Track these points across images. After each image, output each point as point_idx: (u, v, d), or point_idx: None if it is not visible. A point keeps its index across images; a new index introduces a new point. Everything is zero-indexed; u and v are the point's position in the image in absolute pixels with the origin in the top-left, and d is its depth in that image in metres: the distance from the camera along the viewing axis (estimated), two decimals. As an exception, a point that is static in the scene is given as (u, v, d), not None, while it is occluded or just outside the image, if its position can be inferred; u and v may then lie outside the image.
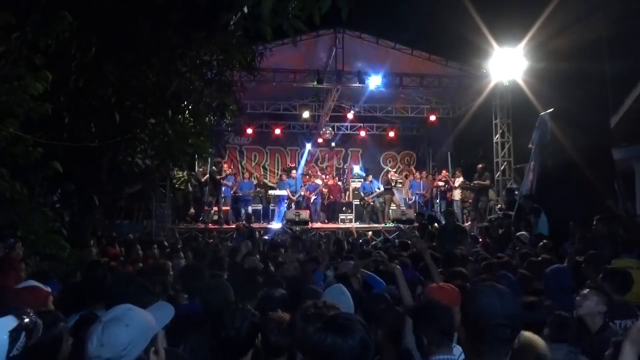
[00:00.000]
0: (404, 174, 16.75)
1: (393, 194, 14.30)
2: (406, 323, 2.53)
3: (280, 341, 2.24)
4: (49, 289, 2.93)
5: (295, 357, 2.29)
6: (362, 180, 15.22)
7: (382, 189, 14.40)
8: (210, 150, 9.29)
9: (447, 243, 6.93)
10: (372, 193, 14.24)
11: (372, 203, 14.27)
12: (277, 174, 16.41)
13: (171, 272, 4.49)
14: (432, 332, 2.16)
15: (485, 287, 1.59)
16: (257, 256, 5.65)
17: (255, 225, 11.92)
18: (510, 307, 1.53)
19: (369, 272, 4.14)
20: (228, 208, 13.35)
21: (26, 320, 1.80)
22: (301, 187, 14.17)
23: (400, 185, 15.26)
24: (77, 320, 2.62)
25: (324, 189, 14.60)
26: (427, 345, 2.15)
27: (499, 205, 11.92)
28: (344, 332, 1.56)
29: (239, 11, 3.13)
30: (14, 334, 1.72)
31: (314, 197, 14.02)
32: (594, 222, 6.24)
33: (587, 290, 3.20)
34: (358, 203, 14.47)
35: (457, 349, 2.38)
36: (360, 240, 9.48)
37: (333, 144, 16.95)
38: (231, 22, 3.25)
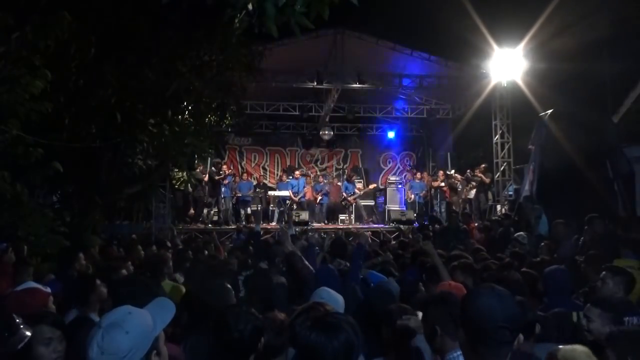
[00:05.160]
0: (403, 174, 16.76)
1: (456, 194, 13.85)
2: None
3: (274, 341, 2.24)
4: (48, 290, 2.94)
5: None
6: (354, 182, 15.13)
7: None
8: (210, 150, 9.26)
9: (449, 244, 6.94)
10: (353, 193, 14.21)
11: (354, 203, 14.25)
12: (277, 174, 16.40)
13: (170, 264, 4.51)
14: (447, 321, 2.09)
15: (485, 289, 1.59)
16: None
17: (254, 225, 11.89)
18: (510, 309, 1.53)
19: (369, 271, 4.16)
20: (228, 208, 13.36)
21: None
22: (304, 187, 14.14)
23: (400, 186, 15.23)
24: (70, 323, 2.61)
25: (327, 190, 14.58)
26: (440, 337, 2.08)
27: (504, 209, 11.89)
28: (329, 331, 1.56)
29: (244, 9, 3.11)
30: None
31: (320, 198, 14.01)
32: (586, 222, 6.23)
33: (588, 306, 2.95)
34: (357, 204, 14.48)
35: None
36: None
37: (331, 145, 16.94)
38: (236, 20, 3.23)
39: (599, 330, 2.75)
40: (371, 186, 15.33)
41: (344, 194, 14.27)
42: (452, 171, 13.97)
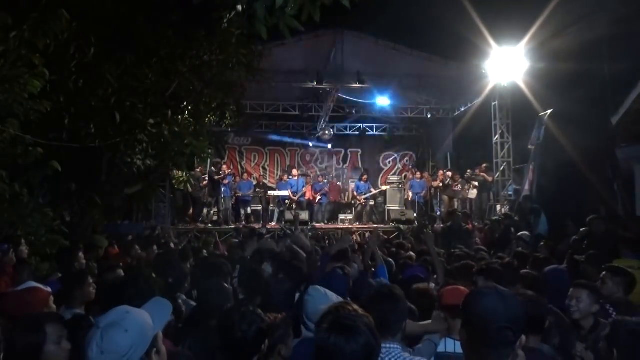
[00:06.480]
0: (403, 174, 16.75)
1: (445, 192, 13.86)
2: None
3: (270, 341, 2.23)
4: (49, 289, 2.93)
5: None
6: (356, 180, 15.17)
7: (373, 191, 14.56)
8: (209, 150, 9.24)
9: (450, 244, 6.94)
10: (365, 193, 14.20)
11: (363, 203, 14.24)
12: (277, 174, 16.40)
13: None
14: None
15: (488, 289, 1.58)
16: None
17: (255, 225, 11.92)
18: (513, 310, 1.51)
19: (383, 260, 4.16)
20: (228, 208, 13.36)
21: None
22: (303, 187, 14.15)
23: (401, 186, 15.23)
24: (68, 322, 2.60)
25: (326, 189, 14.60)
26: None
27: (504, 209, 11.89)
28: (348, 333, 1.54)
29: (233, 10, 3.10)
30: None
31: (319, 197, 14.01)
32: (587, 222, 6.23)
33: (573, 289, 3.18)
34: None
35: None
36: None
37: (331, 145, 16.92)
38: (225, 21, 3.22)
39: (587, 309, 3.07)
40: (383, 187, 15.33)
41: (354, 193, 14.27)
42: (446, 170, 14.04)
